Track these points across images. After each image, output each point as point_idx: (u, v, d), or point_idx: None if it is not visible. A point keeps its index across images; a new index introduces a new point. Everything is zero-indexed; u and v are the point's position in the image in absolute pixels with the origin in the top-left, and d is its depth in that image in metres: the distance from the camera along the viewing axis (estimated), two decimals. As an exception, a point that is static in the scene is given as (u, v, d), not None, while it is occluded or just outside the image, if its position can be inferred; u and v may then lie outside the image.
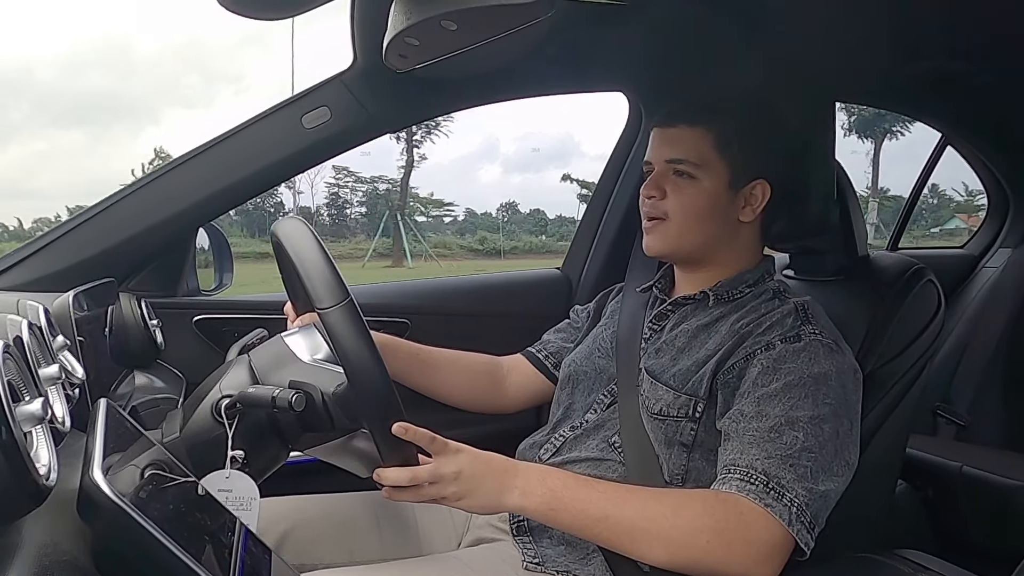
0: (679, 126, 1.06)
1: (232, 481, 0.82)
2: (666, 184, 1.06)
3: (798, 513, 0.87)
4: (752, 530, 0.86)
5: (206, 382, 0.91)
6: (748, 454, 0.89)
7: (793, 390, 0.92)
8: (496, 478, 0.88)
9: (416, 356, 1.23)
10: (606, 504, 0.88)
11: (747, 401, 0.94)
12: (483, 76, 1.37)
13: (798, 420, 0.90)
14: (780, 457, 0.88)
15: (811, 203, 1.16)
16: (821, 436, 0.90)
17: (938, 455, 1.78)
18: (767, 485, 0.87)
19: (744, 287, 1.08)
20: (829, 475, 0.90)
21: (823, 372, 0.93)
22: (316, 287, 0.79)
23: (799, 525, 0.87)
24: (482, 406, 1.28)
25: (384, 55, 0.96)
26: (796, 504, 0.87)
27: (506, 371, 1.31)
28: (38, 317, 0.84)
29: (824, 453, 0.90)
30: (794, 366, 0.93)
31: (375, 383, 0.78)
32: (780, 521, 0.86)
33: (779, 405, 0.91)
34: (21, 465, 0.50)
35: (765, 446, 0.89)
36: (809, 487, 0.88)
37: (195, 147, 1.33)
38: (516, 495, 0.88)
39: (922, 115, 2.06)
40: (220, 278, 1.57)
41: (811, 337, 0.96)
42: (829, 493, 0.90)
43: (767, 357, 0.95)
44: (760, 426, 0.91)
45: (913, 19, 1.32)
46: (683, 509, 0.87)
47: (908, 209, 2.56)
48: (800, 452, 0.89)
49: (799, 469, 0.88)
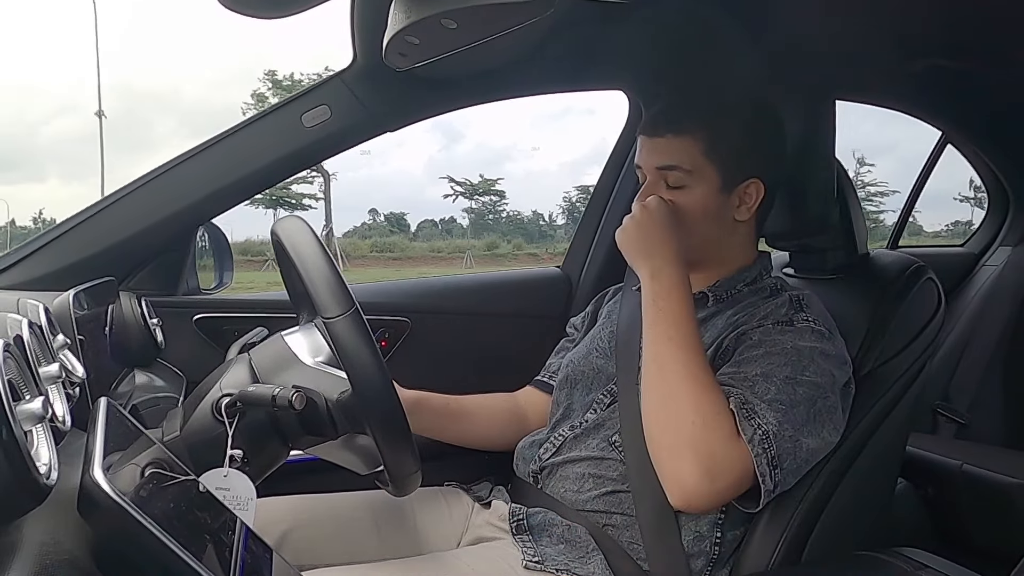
0: (666, 136, 1.06)
1: (230, 480, 0.81)
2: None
3: (763, 438, 0.89)
4: (722, 447, 0.89)
5: (206, 381, 0.91)
6: (727, 388, 0.94)
7: (773, 356, 0.95)
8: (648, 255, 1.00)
9: (446, 408, 1.21)
10: (670, 358, 0.94)
11: (729, 364, 0.98)
12: (483, 74, 1.37)
13: (772, 376, 0.93)
14: (755, 394, 0.92)
15: (811, 202, 1.16)
16: (793, 395, 0.92)
17: (938, 453, 1.77)
18: (743, 404, 0.91)
19: (742, 285, 1.08)
20: (799, 430, 0.92)
21: (808, 347, 0.95)
22: (321, 296, 0.79)
23: (760, 451, 0.89)
24: (512, 445, 1.22)
25: (384, 53, 0.96)
26: (763, 429, 0.89)
27: (524, 404, 1.29)
28: (38, 316, 0.84)
29: (795, 412, 0.92)
30: (779, 339, 0.96)
31: (380, 392, 0.79)
32: (742, 437, 0.89)
33: (757, 366, 0.95)
34: (22, 464, 0.50)
35: (741, 386, 0.93)
36: (780, 422, 0.90)
37: (195, 146, 1.33)
38: (645, 275, 1.00)
39: (922, 114, 2.05)
40: (220, 277, 1.57)
41: (803, 324, 0.98)
42: (800, 443, 0.92)
43: (756, 332, 0.98)
44: (736, 375, 0.95)
45: (913, 17, 1.31)
46: (709, 392, 0.92)
47: (908, 208, 2.56)
48: (772, 400, 0.91)
49: (774, 408, 0.91)
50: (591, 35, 1.35)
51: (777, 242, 1.26)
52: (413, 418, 0.83)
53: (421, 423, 1.12)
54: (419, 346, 1.54)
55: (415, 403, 1.14)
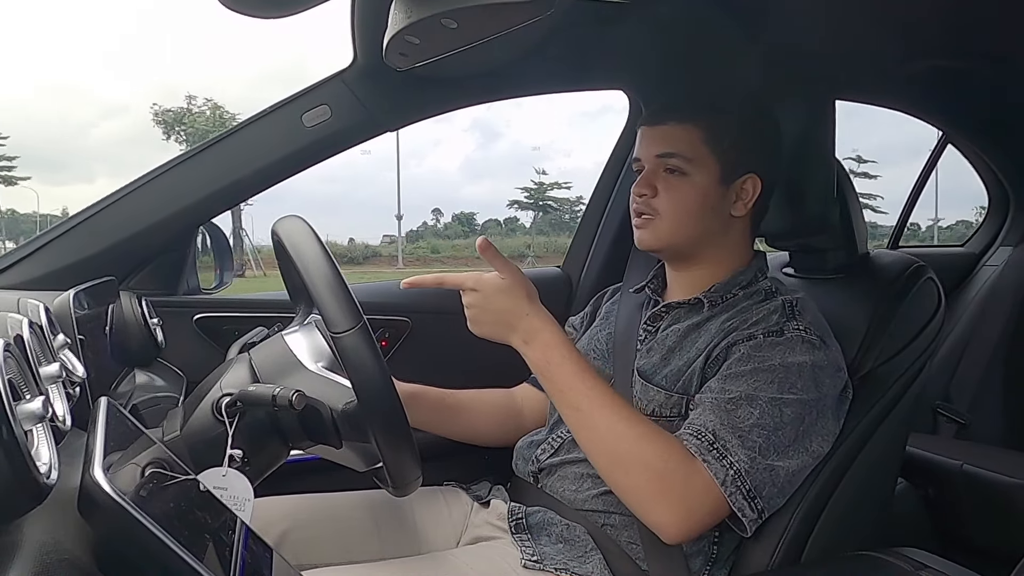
0: (668, 124, 1.06)
1: (228, 479, 0.82)
2: (657, 181, 1.06)
3: (735, 477, 0.89)
4: (690, 488, 0.89)
5: (207, 380, 0.91)
6: (704, 417, 0.93)
7: (760, 374, 0.94)
8: (507, 326, 0.96)
9: (442, 402, 1.21)
10: (584, 400, 0.92)
11: (716, 378, 0.97)
12: (483, 74, 1.37)
13: (757, 399, 0.92)
14: (731, 427, 0.91)
15: (811, 201, 1.16)
16: (779, 418, 0.92)
17: (938, 453, 1.77)
18: (712, 444, 0.90)
19: (737, 289, 1.08)
20: (781, 454, 0.92)
21: (797, 363, 0.95)
22: (329, 310, 0.79)
23: (734, 489, 0.89)
24: (508, 440, 1.23)
25: (384, 53, 0.96)
26: (735, 468, 0.89)
27: (520, 401, 1.29)
28: (39, 316, 0.84)
29: (780, 435, 0.92)
30: (768, 354, 0.96)
31: (387, 405, 0.80)
32: (715, 480, 0.88)
33: (743, 384, 0.94)
34: (22, 463, 0.50)
35: (720, 414, 0.92)
36: (753, 456, 0.90)
37: (195, 146, 1.33)
38: (519, 338, 0.95)
39: (923, 113, 2.05)
40: (221, 277, 1.57)
41: (793, 332, 0.97)
42: (778, 469, 0.91)
43: (746, 346, 0.98)
44: (719, 397, 0.94)
45: (913, 16, 1.31)
46: (644, 442, 0.90)
47: (908, 207, 2.55)
48: (752, 427, 0.91)
49: (747, 442, 0.91)
50: (591, 35, 1.35)
51: (777, 242, 1.26)
52: (410, 411, 0.83)
53: (418, 416, 1.12)
54: (419, 346, 1.54)
55: (412, 396, 1.14)
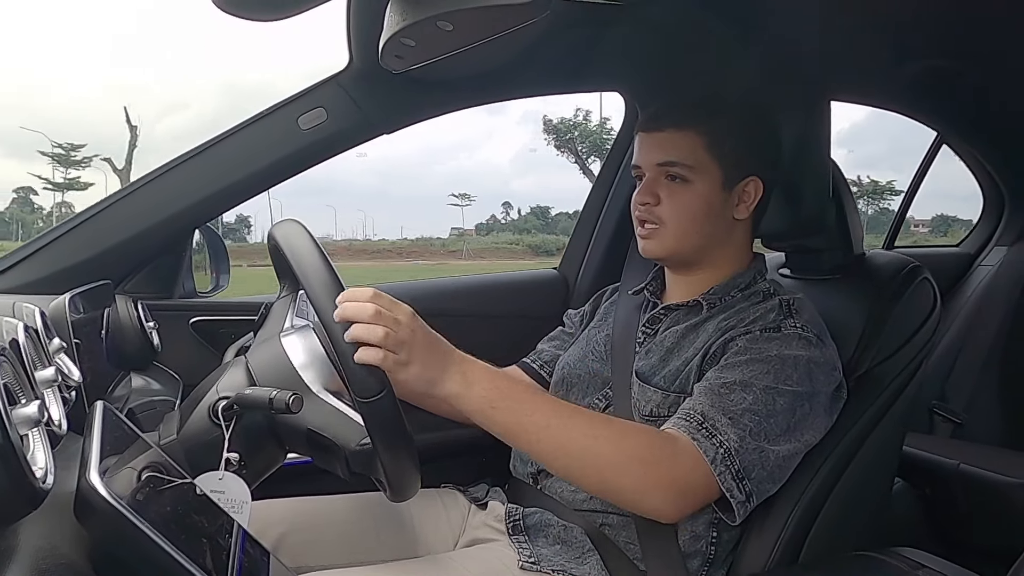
0: (666, 130, 1.05)
1: (225, 483, 0.81)
2: (659, 189, 1.06)
3: (724, 456, 0.89)
4: (679, 467, 0.88)
5: (203, 384, 0.91)
6: (695, 401, 0.93)
7: (756, 364, 0.94)
8: (443, 356, 0.84)
9: None
10: (551, 415, 0.87)
11: (713, 370, 0.97)
12: (480, 76, 1.37)
13: (752, 386, 0.92)
14: (723, 409, 0.91)
15: (807, 202, 1.16)
16: (772, 406, 0.92)
17: (935, 453, 1.78)
18: (701, 424, 0.90)
19: (736, 291, 1.08)
20: (771, 440, 0.91)
21: (793, 355, 0.95)
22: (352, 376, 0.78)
23: (723, 468, 0.88)
24: None
25: (380, 56, 0.96)
26: (725, 447, 0.89)
27: None
28: (34, 320, 0.84)
29: (772, 422, 0.92)
30: (765, 347, 0.96)
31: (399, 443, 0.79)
32: (704, 458, 0.88)
33: (739, 372, 0.94)
34: (18, 468, 0.50)
35: (712, 398, 0.92)
36: (743, 437, 0.90)
37: (191, 149, 1.33)
38: (458, 380, 0.84)
39: (917, 114, 2.06)
40: (216, 280, 1.57)
41: (791, 330, 0.98)
42: (768, 452, 0.91)
43: (743, 340, 0.98)
44: (713, 384, 0.94)
45: (908, 17, 1.32)
46: (626, 437, 0.89)
47: (904, 208, 2.56)
48: (744, 412, 0.91)
49: (738, 424, 0.90)
50: (588, 36, 1.35)
51: (773, 243, 1.26)
52: (398, 388, 0.80)
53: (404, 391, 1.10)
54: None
55: None
